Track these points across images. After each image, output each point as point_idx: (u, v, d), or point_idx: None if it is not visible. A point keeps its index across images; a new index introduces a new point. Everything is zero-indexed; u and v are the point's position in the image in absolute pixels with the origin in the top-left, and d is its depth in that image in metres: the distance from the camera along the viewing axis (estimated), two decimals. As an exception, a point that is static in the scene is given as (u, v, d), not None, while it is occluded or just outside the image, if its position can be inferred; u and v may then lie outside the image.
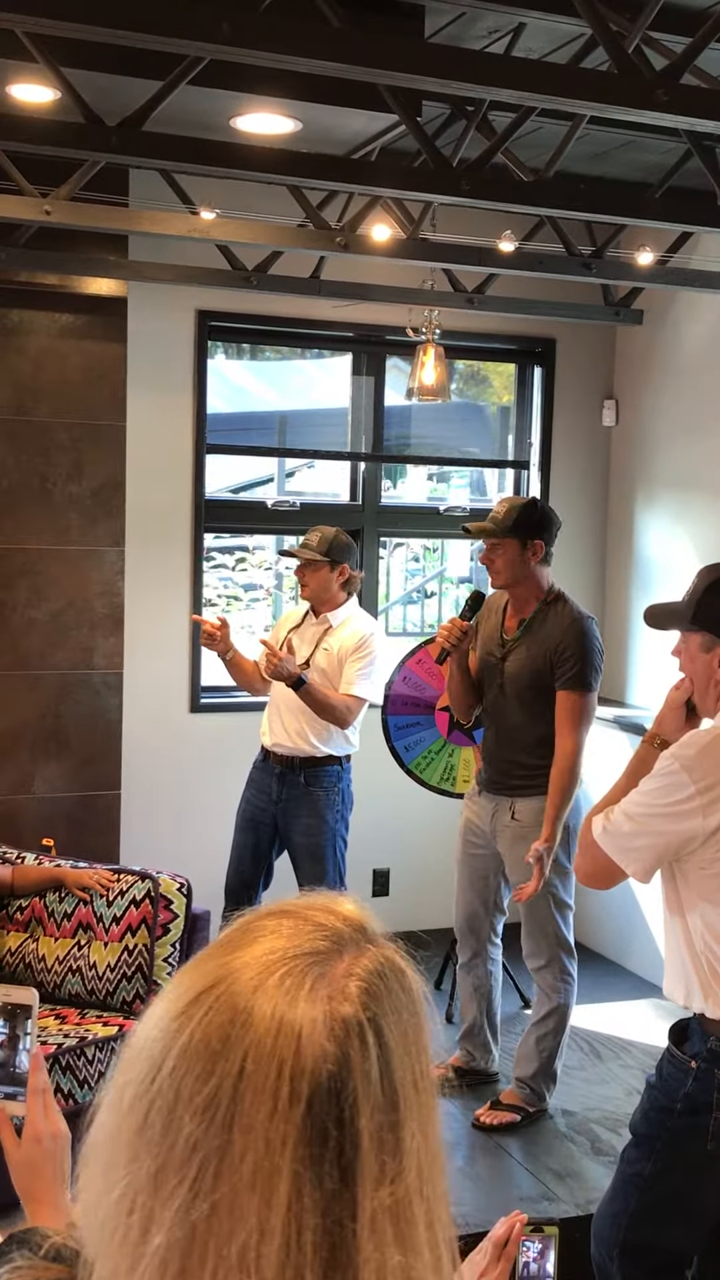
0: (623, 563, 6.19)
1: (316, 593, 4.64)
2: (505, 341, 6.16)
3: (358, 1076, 0.81)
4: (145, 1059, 0.83)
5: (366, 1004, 0.83)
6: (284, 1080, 0.79)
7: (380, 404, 6.01)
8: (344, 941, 0.86)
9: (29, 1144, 1.48)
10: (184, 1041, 0.82)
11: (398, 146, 4.45)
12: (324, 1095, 0.80)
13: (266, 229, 4.47)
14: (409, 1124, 0.84)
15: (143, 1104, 0.82)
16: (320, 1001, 0.82)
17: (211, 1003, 0.82)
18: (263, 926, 0.87)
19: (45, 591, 5.19)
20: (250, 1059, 0.80)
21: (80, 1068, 3.98)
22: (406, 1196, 0.82)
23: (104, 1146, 0.84)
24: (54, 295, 5.11)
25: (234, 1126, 0.79)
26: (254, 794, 4.75)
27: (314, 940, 0.86)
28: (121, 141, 3.28)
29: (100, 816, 5.32)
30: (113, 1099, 0.85)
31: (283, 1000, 0.81)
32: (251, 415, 6.32)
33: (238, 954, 0.85)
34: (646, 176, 4.98)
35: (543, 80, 2.72)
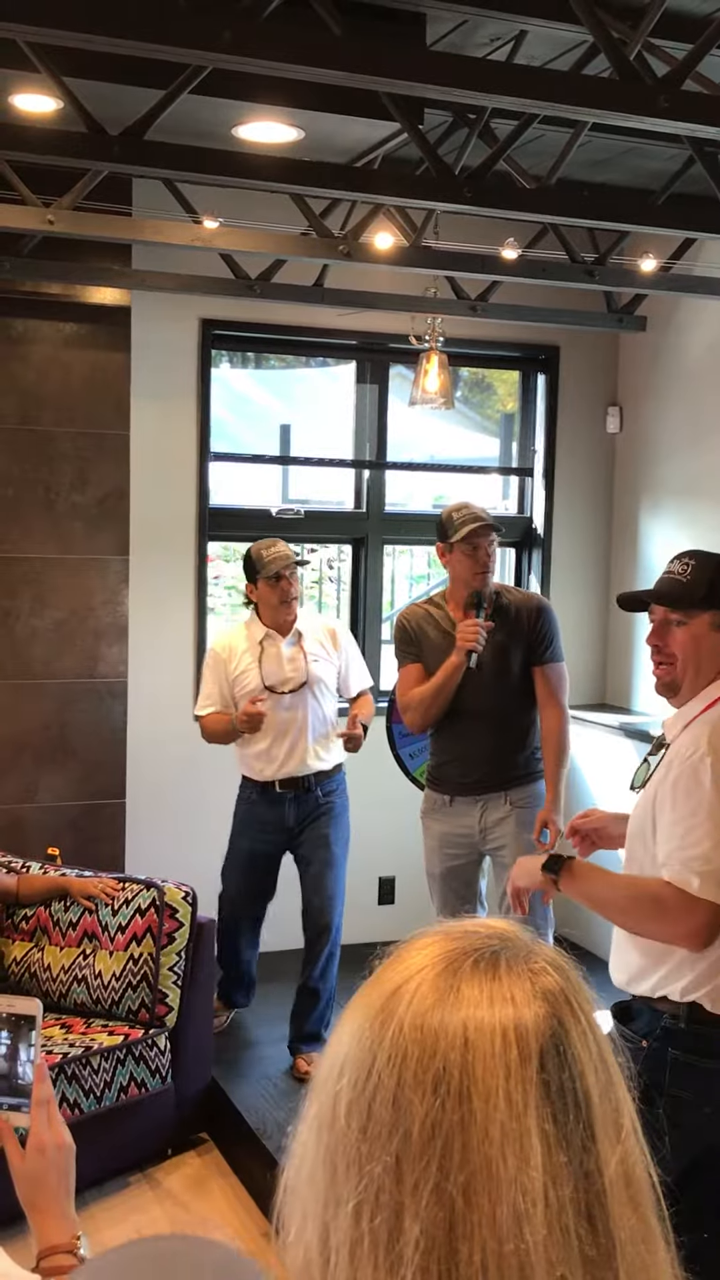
0: (627, 570, 6.18)
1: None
2: (509, 349, 6.16)
3: (574, 1036, 0.82)
4: (353, 1065, 0.82)
5: (561, 977, 0.85)
6: (511, 1043, 0.79)
7: (384, 412, 6.01)
8: (514, 941, 0.88)
9: (33, 1155, 1.48)
10: (393, 1031, 0.81)
11: (400, 155, 4.46)
12: (552, 1053, 0.80)
13: (269, 238, 4.48)
14: (619, 1086, 0.85)
15: (361, 1104, 0.81)
16: (522, 975, 0.83)
17: (410, 995, 0.82)
18: (427, 941, 0.88)
19: (49, 600, 5.19)
20: (471, 1028, 0.80)
21: (86, 1077, 3.98)
22: (632, 1156, 0.83)
23: (319, 1172, 0.82)
24: (58, 305, 5.12)
25: (472, 1096, 0.78)
26: (259, 833, 4.63)
27: (488, 940, 0.87)
28: (124, 151, 3.28)
29: (105, 825, 5.32)
30: (319, 1119, 0.83)
31: (485, 978, 0.82)
32: (255, 423, 6.32)
33: (413, 960, 0.85)
34: (649, 183, 4.98)
35: (544, 87, 2.72)
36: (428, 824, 4.42)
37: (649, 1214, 0.83)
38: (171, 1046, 4.25)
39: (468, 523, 4.21)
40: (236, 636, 4.62)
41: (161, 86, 3.30)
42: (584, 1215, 0.78)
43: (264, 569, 4.46)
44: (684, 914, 2.44)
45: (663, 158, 4.76)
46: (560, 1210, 0.77)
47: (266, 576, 4.47)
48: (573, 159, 4.01)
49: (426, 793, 4.45)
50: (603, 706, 6.18)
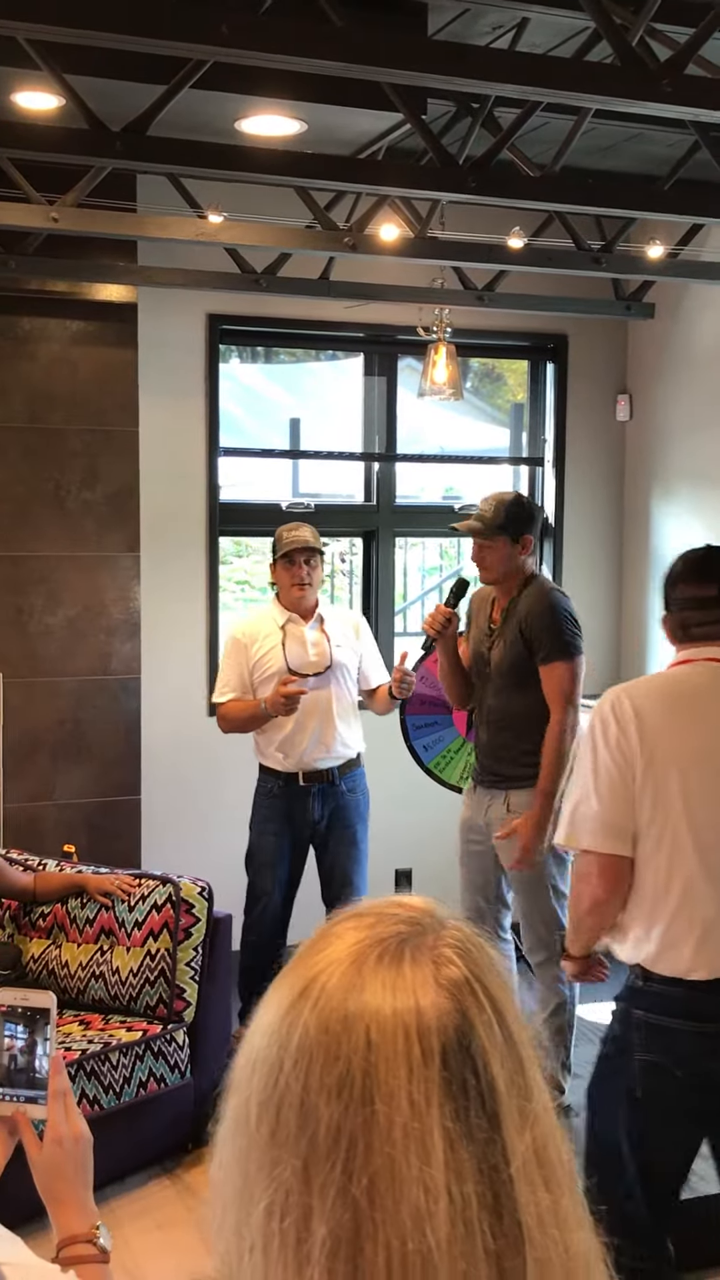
0: (639, 557, 6.17)
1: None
2: (517, 338, 6.14)
3: (480, 1028, 0.82)
4: (263, 1065, 0.84)
5: (466, 963, 0.85)
6: (413, 1041, 0.80)
7: (393, 404, 6.00)
8: (422, 924, 0.88)
9: (50, 1146, 1.49)
10: (300, 1035, 0.82)
11: (404, 145, 4.45)
12: (455, 1048, 0.81)
13: (274, 231, 4.47)
14: (530, 1068, 0.85)
15: (271, 1108, 0.82)
16: (425, 966, 0.84)
17: (317, 994, 0.83)
18: (340, 928, 0.89)
19: (61, 598, 5.20)
20: (374, 1030, 0.80)
21: (105, 1073, 3.98)
22: (544, 1137, 0.83)
23: (235, 1173, 0.84)
24: (64, 302, 5.12)
25: (375, 1098, 0.79)
26: (281, 828, 4.57)
27: (394, 926, 0.87)
28: (126, 147, 3.28)
29: (121, 821, 5.33)
30: (233, 1120, 0.85)
31: (389, 973, 0.83)
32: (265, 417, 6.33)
33: (324, 953, 0.87)
34: (655, 169, 4.96)
35: (546, 74, 2.71)
36: (462, 804, 4.49)
37: (564, 1193, 0.84)
38: (190, 1041, 4.25)
39: (458, 533, 4.44)
40: (259, 620, 4.62)
41: (163, 82, 3.30)
42: (488, 1208, 0.80)
43: (280, 550, 4.50)
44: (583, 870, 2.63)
45: (668, 143, 4.74)
46: (464, 1206, 0.79)
47: (280, 557, 4.49)
48: (577, 146, 4.00)
49: None
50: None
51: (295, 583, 4.50)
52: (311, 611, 4.57)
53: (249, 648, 4.53)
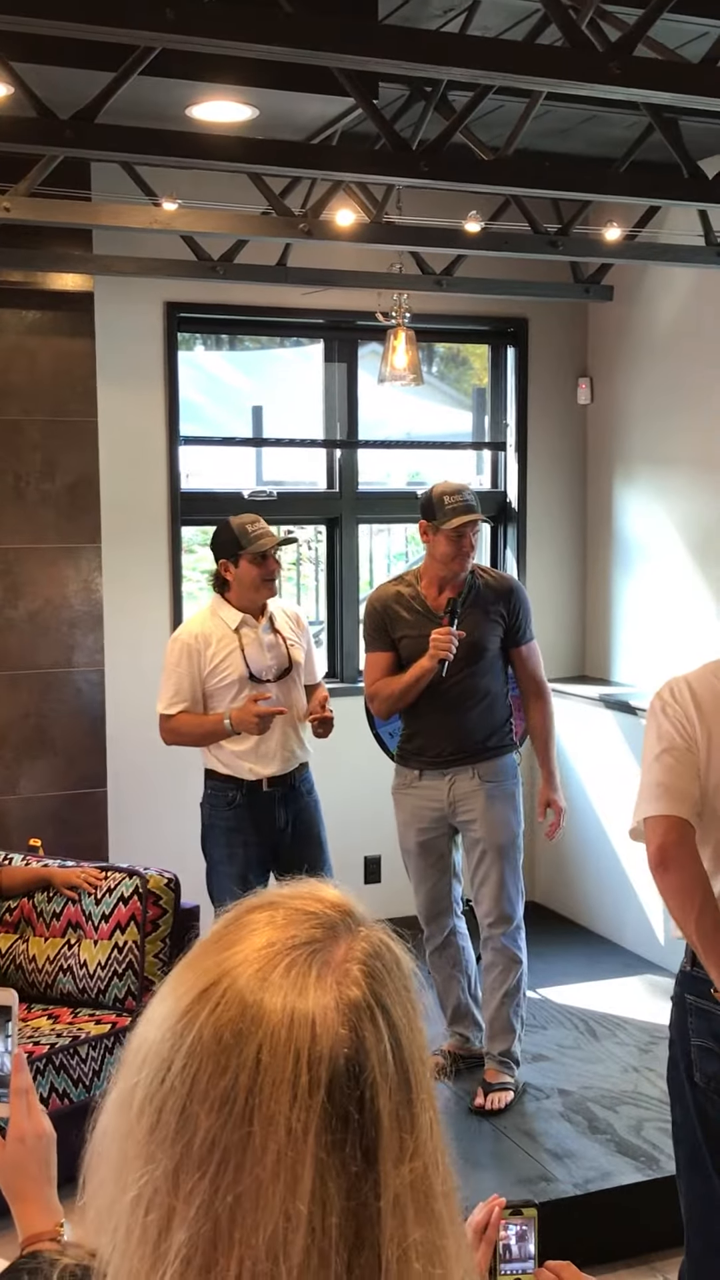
0: (603, 540, 6.18)
1: None
2: (477, 322, 6.14)
3: (374, 1058, 0.82)
4: (154, 1059, 0.83)
5: (371, 986, 0.85)
6: (302, 1068, 0.80)
7: (354, 390, 5.98)
8: (336, 927, 0.88)
9: (13, 1144, 1.49)
10: (193, 1038, 0.82)
11: (360, 130, 4.42)
12: (343, 1080, 0.80)
13: (229, 218, 4.44)
14: (421, 1098, 0.85)
15: (154, 1104, 0.82)
16: (329, 988, 0.83)
17: (218, 998, 0.83)
18: (253, 920, 0.88)
19: (22, 591, 5.16)
20: (265, 1050, 0.80)
21: (74, 1066, 3.98)
22: (424, 1171, 0.83)
23: (114, 1149, 0.84)
24: (19, 292, 5.07)
25: (254, 1119, 0.79)
26: (249, 839, 4.29)
27: (308, 929, 0.87)
28: (76, 135, 3.25)
29: (87, 814, 5.30)
30: (119, 1101, 0.85)
31: (292, 991, 0.82)
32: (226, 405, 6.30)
33: (234, 949, 0.86)
34: (611, 151, 4.95)
35: (494, 58, 2.69)
36: (399, 799, 4.44)
37: (442, 1226, 0.84)
38: (159, 1033, 4.25)
39: (458, 512, 4.15)
40: (207, 624, 4.26)
41: (112, 69, 3.26)
42: (349, 1241, 0.80)
43: (250, 545, 4.17)
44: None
45: (624, 125, 4.74)
46: (323, 1237, 0.79)
47: (253, 554, 4.17)
48: (533, 129, 3.99)
49: (396, 768, 4.47)
50: (582, 679, 6.19)
51: (265, 579, 4.22)
52: (263, 610, 4.32)
53: (202, 653, 4.21)
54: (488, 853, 4.29)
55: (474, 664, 4.25)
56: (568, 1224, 3.67)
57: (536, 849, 6.21)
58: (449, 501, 4.17)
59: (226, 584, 4.28)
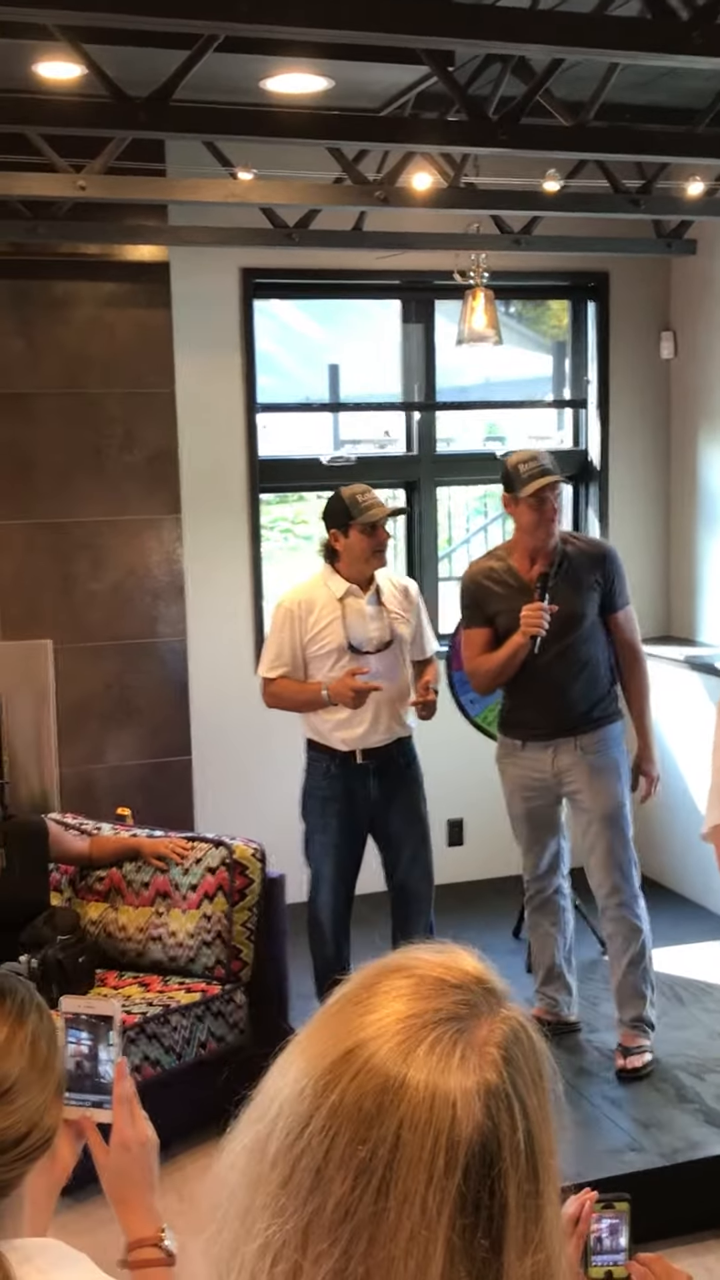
0: (687, 497, 6.08)
1: None
2: (557, 279, 6.04)
3: (507, 1147, 0.83)
4: (290, 1114, 0.84)
5: (510, 1074, 0.85)
6: (440, 1150, 0.80)
7: (432, 351, 5.93)
8: (478, 1005, 0.88)
9: (117, 1150, 1.52)
10: (334, 1101, 0.82)
11: (437, 90, 4.34)
12: (478, 1165, 0.81)
13: (304, 188, 4.41)
14: (547, 1191, 0.85)
15: (288, 1159, 0.83)
16: (471, 1071, 0.83)
17: (359, 1066, 0.83)
18: (393, 987, 0.88)
19: (105, 563, 5.22)
20: (406, 1127, 0.80)
21: (165, 1035, 4.05)
22: (546, 1264, 0.84)
23: (243, 1193, 0.85)
24: (97, 265, 5.08)
25: (390, 1194, 0.79)
26: (344, 809, 4.30)
27: (451, 1004, 0.87)
28: (150, 117, 3.23)
29: (173, 782, 5.38)
30: (252, 1146, 0.85)
31: (435, 1070, 0.82)
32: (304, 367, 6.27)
33: (375, 1015, 0.86)
34: (695, 102, 4.80)
35: (572, 32, 2.63)
36: (503, 768, 4.44)
37: None
38: (249, 1001, 4.31)
39: (535, 477, 4.11)
40: (314, 591, 4.26)
41: (185, 47, 3.23)
42: None
43: (362, 515, 4.14)
44: None
45: (705, 76, 4.59)
46: None
47: (364, 524, 4.14)
48: (615, 82, 3.88)
49: (500, 738, 4.47)
50: (667, 639, 6.12)
51: (376, 550, 4.19)
52: (370, 581, 4.29)
53: (304, 619, 4.22)
54: (594, 823, 4.30)
55: (571, 634, 4.21)
56: (656, 1195, 3.68)
57: (621, 810, 6.19)
58: (525, 469, 4.15)
59: (336, 554, 4.27)
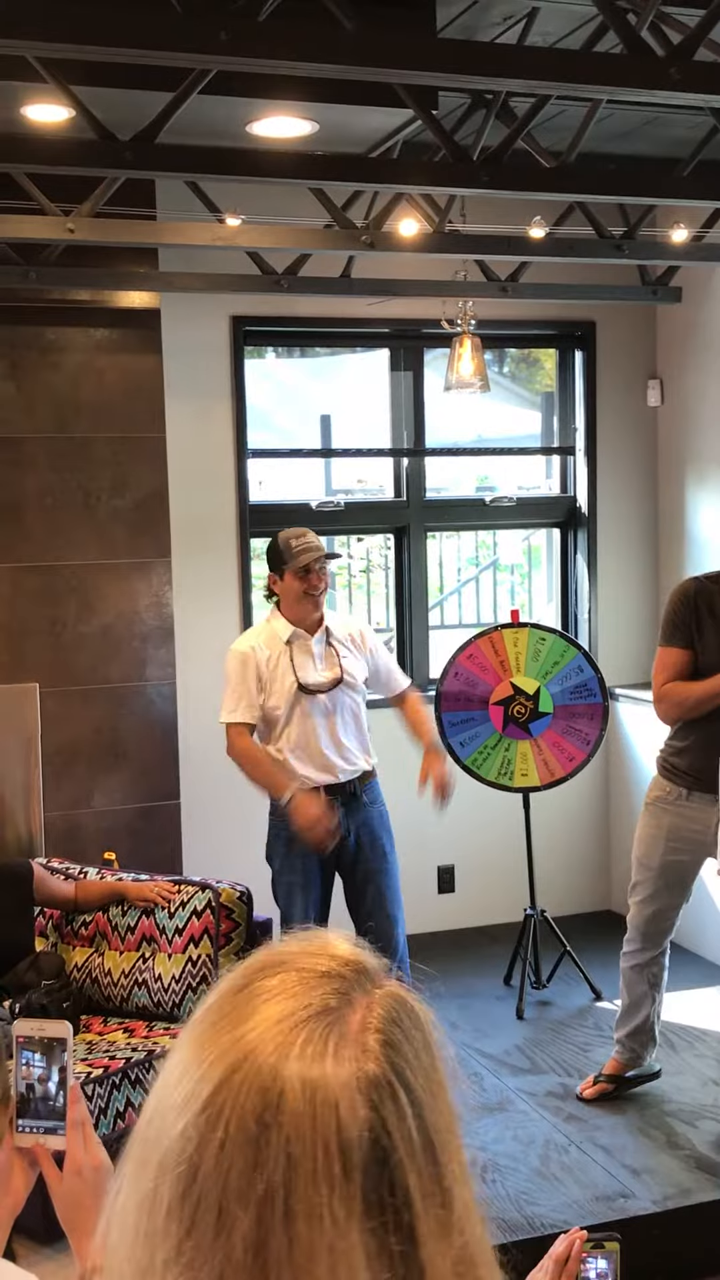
0: (675, 543, 6.10)
1: None
2: (544, 327, 6.09)
3: (398, 1137, 0.79)
4: (177, 1160, 0.79)
5: (390, 1057, 0.82)
6: (333, 1156, 0.77)
7: (420, 398, 5.97)
8: (350, 991, 0.84)
9: (70, 1177, 1.48)
10: (220, 1137, 0.78)
11: (421, 139, 4.41)
12: (373, 1164, 0.78)
13: (292, 232, 4.45)
14: (450, 1171, 0.82)
15: (186, 1207, 0.78)
16: (346, 1064, 0.80)
17: (238, 1087, 0.79)
18: (265, 988, 0.84)
19: (94, 606, 5.21)
20: (294, 1141, 0.77)
21: (149, 1081, 3.99)
22: (465, 1246, 0.82)
23: (139, 1252, 0.80)
24: (87, 311, 5.12)
25: (296, 1218, 0.76)
26: (309, 848, 4.29)
27: (322, 995, 0.83)
28: (136, 156, 3.27)
29: (161, 827, 5.34)
30: (140, 1203, 0.81)
31: (309, 1071, 0.79)
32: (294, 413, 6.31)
33: (248, 1024, 0.82)
34: (677, 152, 4.89)
35: (552, 67, 2.67)
36: (654, 811, 4.12)
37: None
38: (234, 1046, 4.25)
39: None
40: (261, 636, 4.37)
41: (170, 89, 3.28)
42: None
43: (292, 560, 4.25)
44: None
45: (688, 125, 4.68)
46: None
47: (295, 569, 4.25)
48: (595, 132, 3.94)
49: (657, 779, 4.15)
50: (656, 684, 6.10)
51: (308, 592, 4.28)
52: (318, 624, 4.37)
53: (259, 664, 4.31)
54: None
55: None
56: (647, 1241, 3.62)
57: (613, 857, 6.16)
58: None
59: (276, 596, 4.39)
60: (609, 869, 6.19)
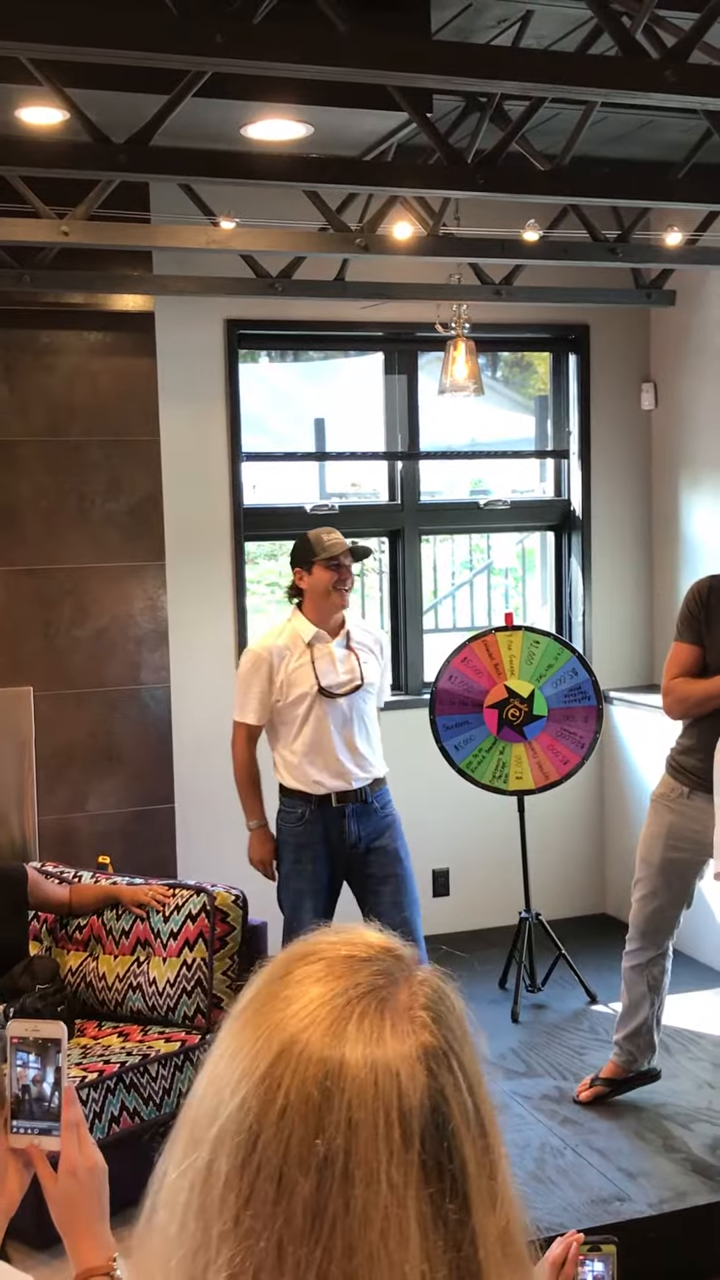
0: (670, 547, 6.10)
1: None
2: (538, 331, 6.10)
3: (455, 1104, 0.82)
4: (235, 1131, 0.80)
5: (443, 1032, 0.84)
6: (394, 1122, 0.79)
7: (414, 401, 5.97)
8: (392, 972, 0.86)
9: (65, 1178, 1.47)
10: (280, 1105, 0.80)
11: (415, 142, 4.41)
12: (432, 1130, 0.80)
13: (286, 235, 4.45)
14: (497, 1146, 0.85)
15: (245, 1176, 0.79)
16: (405, 1037, 0.82)
17: (296, 1060, 0.81)
18: (309, 973, 0.86)
19: (89, 610, 5.20)
20: (356, 1107, 0.79)
21: (144, 1085, 3.99)
22: (509, 1215, 0.83)
23: (191, 1229, 0.81)
24: (81, 314, 5.12)
25: (355, 1180, 0.78)
26: (318, 854, 4.33)
27: (368, 976, 0.85)
28: (130, 159, 3.26)
29: (156, 830, 5.33)
30: (195, 1180, 0.82)
31: (371, 1043, 0.81)
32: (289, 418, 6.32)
33: (295, 1006, 0.83)
34: (671, 155, 4.89)
35: (546, 70, 2.67)
36: (658, 809, 4.15)
37: (528, 1267, 0.84)
38: (229, 1050, 4.24)
39: None
40: (282, 636, 4.33)
41: (165, 92, 3.28)
42: None
43: (323, 552, 4.23)
44: None
45: (682, 129, 4.68)
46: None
47: (324, 559, 4.23)
48: (590, 136, 3.94)
49: (665, 777, 4.16)
50: (651, 688, 6.11)
51: (336, 586, 4.25)
52: (340, 627, 4.36)
53: (275, 666, 4.28)
54: None
55: None
56: (642, 1245, 3.61)
57: (608, 861, 6.16)
58: None
59: (301, 593, 4.34)
60: (603, 872, 6.19)
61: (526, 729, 5.22)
